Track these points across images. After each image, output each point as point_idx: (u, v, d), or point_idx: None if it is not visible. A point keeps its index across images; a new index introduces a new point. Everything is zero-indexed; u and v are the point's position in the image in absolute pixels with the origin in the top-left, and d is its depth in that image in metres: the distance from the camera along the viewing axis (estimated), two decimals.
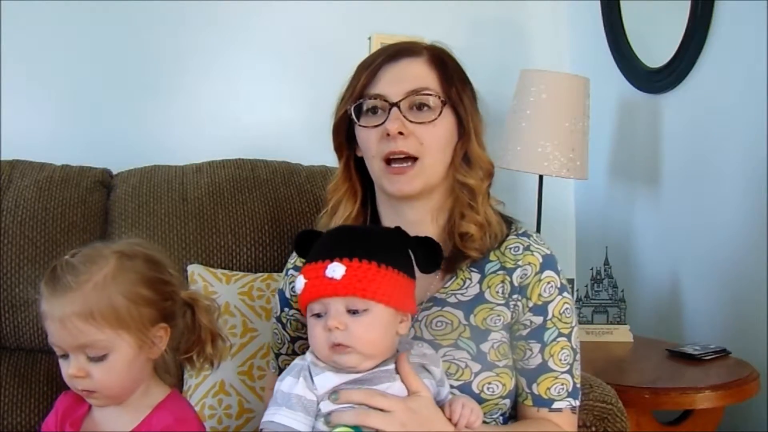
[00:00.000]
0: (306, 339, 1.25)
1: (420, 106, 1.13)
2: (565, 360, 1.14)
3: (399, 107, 1.12)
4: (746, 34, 1.82)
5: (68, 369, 1.02)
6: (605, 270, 2.02)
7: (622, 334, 1.94)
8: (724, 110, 1.90)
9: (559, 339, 1.14)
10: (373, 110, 1.14)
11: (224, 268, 1.55)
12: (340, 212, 1.20)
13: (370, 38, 2.23)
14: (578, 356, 1.17)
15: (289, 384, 0.99)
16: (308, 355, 1.01)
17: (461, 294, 1.16)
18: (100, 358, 1.02)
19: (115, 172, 1.73)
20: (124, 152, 1.91)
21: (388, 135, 1.11)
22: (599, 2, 2.31)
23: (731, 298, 1.88)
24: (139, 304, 1.04)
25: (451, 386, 1.10)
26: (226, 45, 2.11)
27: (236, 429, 1.39)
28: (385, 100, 1.12)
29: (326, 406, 0.97)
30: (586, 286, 1.98)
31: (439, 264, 1.06)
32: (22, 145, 1.79)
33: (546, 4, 2.42)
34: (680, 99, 2.05)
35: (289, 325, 1.25)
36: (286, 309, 1.25)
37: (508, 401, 1.14)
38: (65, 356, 1.03)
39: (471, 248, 1.15)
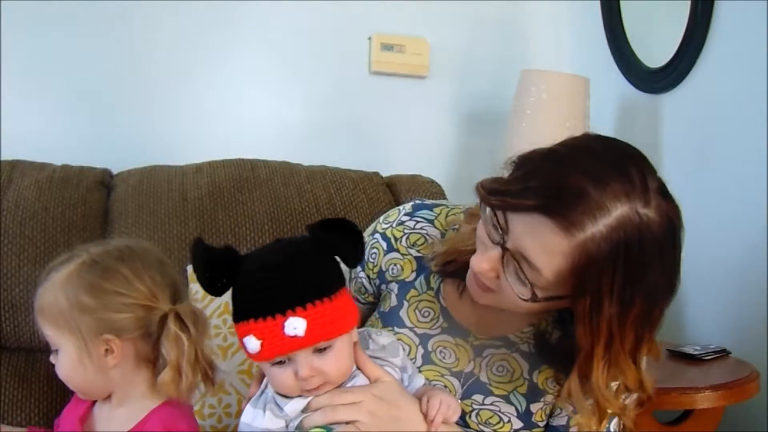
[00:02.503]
0: (364, 303, 1.22)
1: (518, 275, 0.92)
2: None
3: (504, 253, 0.92)
4: (746, 34, 1.82)
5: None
6: None
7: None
8: (724, 110, 1.90)
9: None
10: (494, 226, 0.94)
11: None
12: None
13: (370, 38, 2.23)
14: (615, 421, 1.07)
15: (252, 416, 0.96)
16: (269, 389, 0.97)
17: (535, 344, 1.08)
18: (56, 352, 1.07)
19: (115, 172, 1.73)
20: (124, 152, 1.92)
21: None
22: (599, 2, 2.31)
23: (731, 298, 1.88)
24: (79, 311, 1.04)
25: None
26: (226, 45, 2.11)
27: (235, 428, 1.39)
28: (503, 235, 0.92)
29: (297, 421, 0.96)
30: None
31: (362, 258, 0.98)
32: (22, 145, 1.79)
33: (546, 4, 2.42)
34: (680, 99, 2.05)
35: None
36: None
37: None
38: None
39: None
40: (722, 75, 1.90)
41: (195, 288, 1.46)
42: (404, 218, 1.18)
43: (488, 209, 0.94)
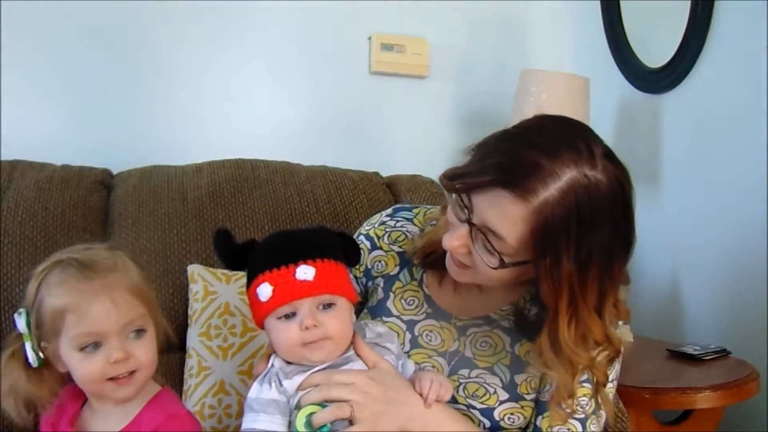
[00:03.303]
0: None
1: (486, 246, 0.99)
2: (582, 407, 1.07)
3: (471, 229, 0.99)
4: (746, 34, 1.82)
5: (111, 353, 1.01)
6: None
7: (622, 334, 1.93)
8: (724, 110, 1.90)
9: (584, 384, 1.07)
10: (459, 207, 1.01)
11: (224, 268, 1.54)
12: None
13: (370, 38, 2.23)
14: (601, 413, 1.09)
15: (258, 390, 1.02)
16: (276, 362, 1.03)
17: (515, 320, 1.14)
18: (141, 334, 1.05)
19: (115, 172, 1.73)
20: (124, 152, 1.92)
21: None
22: (599, 2, 2.31)
23: (731, 298, 1.88)
24: (150, 289, 1.11)
25: (474, 407, 1.11)
26: (226, 45, 2.11)
27: (236, 428, 1.39)
28: (469, 212, 0.99)
29: (295, 399, 1.01)
30: None
31: (359, 261, 1.13)
32: (22, 145, 1.79)
33: (546, 4, 2.42)
34: (680, 99, 2.05)
35: None
36: None
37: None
38: (96, 346, 1.02)
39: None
40: (722, 75, 1.90)
41: (195, 288, 1.47)
42: (385, 219, 1.27)
43: (453, 194, 1.01)
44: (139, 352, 1.04)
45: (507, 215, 0.95)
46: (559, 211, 0.93)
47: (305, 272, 0.98)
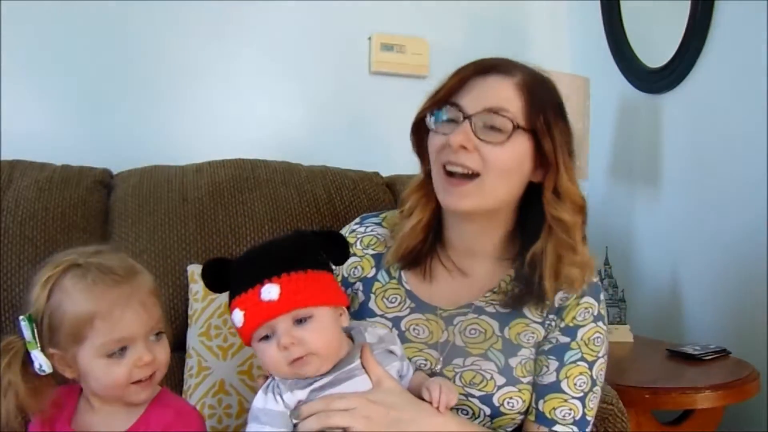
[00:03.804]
0: None
1: (492, 126, 1.09)
2: (580, 386, 1.13)
3: (471, 121, 1.09)
4: (746, 34, 1.82)
5: (141, 356, 1.01)
6: (605, 270, 2.02)
7: (622, 334, 1.94)
8: (724, 110, 1.90)
9: (579, 363, 1.13)
10: (448, 119, 1.13)
11: None
12: (414, 216, 1.20)
13: (370, 38, 2.23)
14: (597, 389, 1.15)
15: (264, 401, 1.02)
16: (276, 378, 1.03)
17: (500, 305, 1.16)
18: (160, 336, 1.05)
19: (115, 172, 1.73)
20: (124, 152, 1.91)
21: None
22: (599, 2, 2.31)
23: (731, 298, 1.88)
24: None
25: (472, 396, 1.12)
26: (226, 45, 2.11)
27: (236, 428, 1.39)
28: (461, 111, 1.10)
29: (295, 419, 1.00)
30: None
31: (348, 255, 1.11)
32: (22, 145, 1.79)
33: (546, 4, 2.42)
34: (680, 99, 2.05)
35: None
36: None
37: (524, 416, 1.15)
38: (123, 351, 1.01)
39: (571, 290, 1.14)
40: (722, 75, 1.90)
41: (195, 288, 1.47)
42: (354, 227, 1.31)
43: (437, 114, 1.14)
44: (159, 353, 1.04)
45: (500, 92, 1.11)
46: (537, 86, 1.13)
47: (269, 292, 0.97)
